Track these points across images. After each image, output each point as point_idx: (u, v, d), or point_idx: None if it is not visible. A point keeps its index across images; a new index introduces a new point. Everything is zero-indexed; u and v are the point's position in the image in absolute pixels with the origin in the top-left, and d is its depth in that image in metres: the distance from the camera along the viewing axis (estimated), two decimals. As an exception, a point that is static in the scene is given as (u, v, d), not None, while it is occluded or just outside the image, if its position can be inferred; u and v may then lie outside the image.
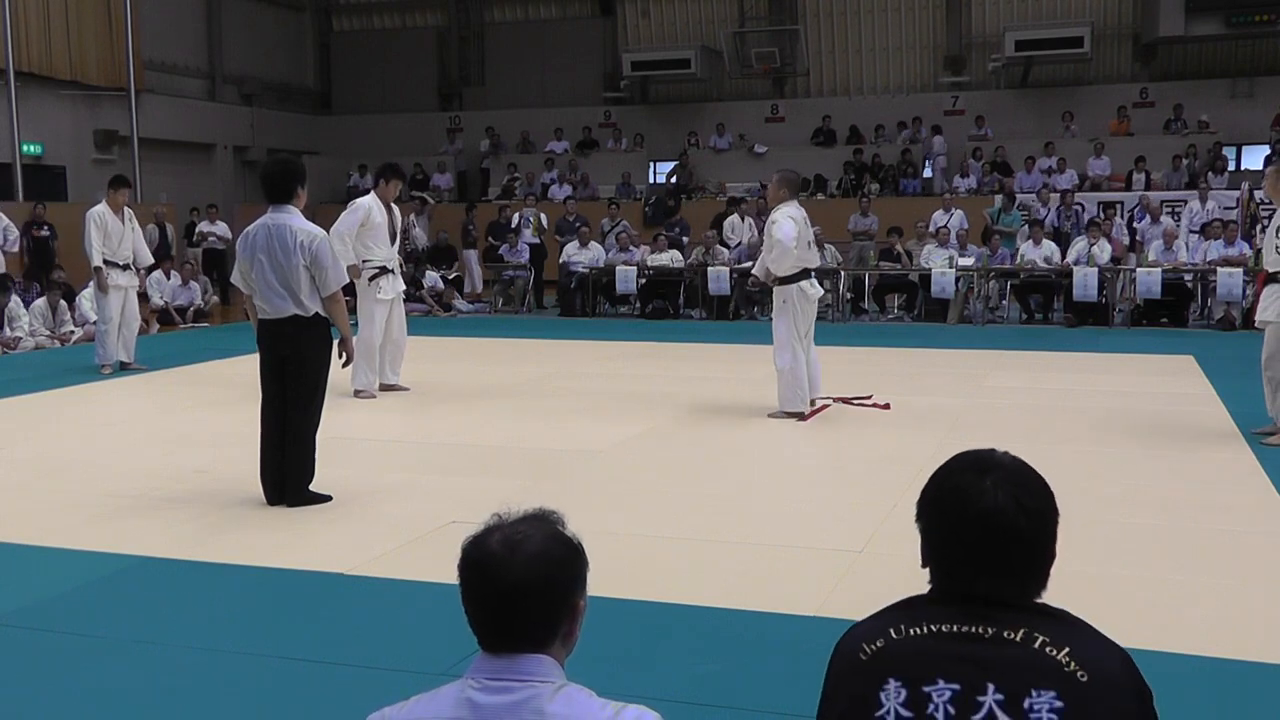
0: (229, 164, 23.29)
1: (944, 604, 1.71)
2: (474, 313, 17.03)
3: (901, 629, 1.70)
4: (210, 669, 3.92)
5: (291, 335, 5.89)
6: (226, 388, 9.63)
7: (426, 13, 25.72)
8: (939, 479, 1.77)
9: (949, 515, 1.72)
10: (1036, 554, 1.70)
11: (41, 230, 15.73)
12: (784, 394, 8.22)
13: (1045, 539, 1.71)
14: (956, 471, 1.75)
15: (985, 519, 1.67)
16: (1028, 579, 1.70)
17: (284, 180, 6.00)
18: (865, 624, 1.77)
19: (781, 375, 8.20)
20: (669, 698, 3.45)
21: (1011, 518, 1.67)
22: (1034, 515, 1.69)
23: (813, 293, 8.26)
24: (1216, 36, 20.87)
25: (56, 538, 5.41)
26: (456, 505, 5.78)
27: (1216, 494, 6.17)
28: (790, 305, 8.12)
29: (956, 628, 1.67)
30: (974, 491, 1.70)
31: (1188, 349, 11.63)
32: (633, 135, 23.23)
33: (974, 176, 20.24)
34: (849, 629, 1.79)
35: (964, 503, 1.70)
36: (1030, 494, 1.71)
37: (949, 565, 1.72)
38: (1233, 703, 3.65)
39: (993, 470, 1.72)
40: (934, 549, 1.74)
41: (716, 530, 5.51)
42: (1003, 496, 1.68)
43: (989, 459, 1.75)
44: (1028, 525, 1.68)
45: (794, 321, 8.11)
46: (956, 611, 1.68)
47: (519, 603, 1.70)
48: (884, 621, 1.73)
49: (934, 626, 1.68)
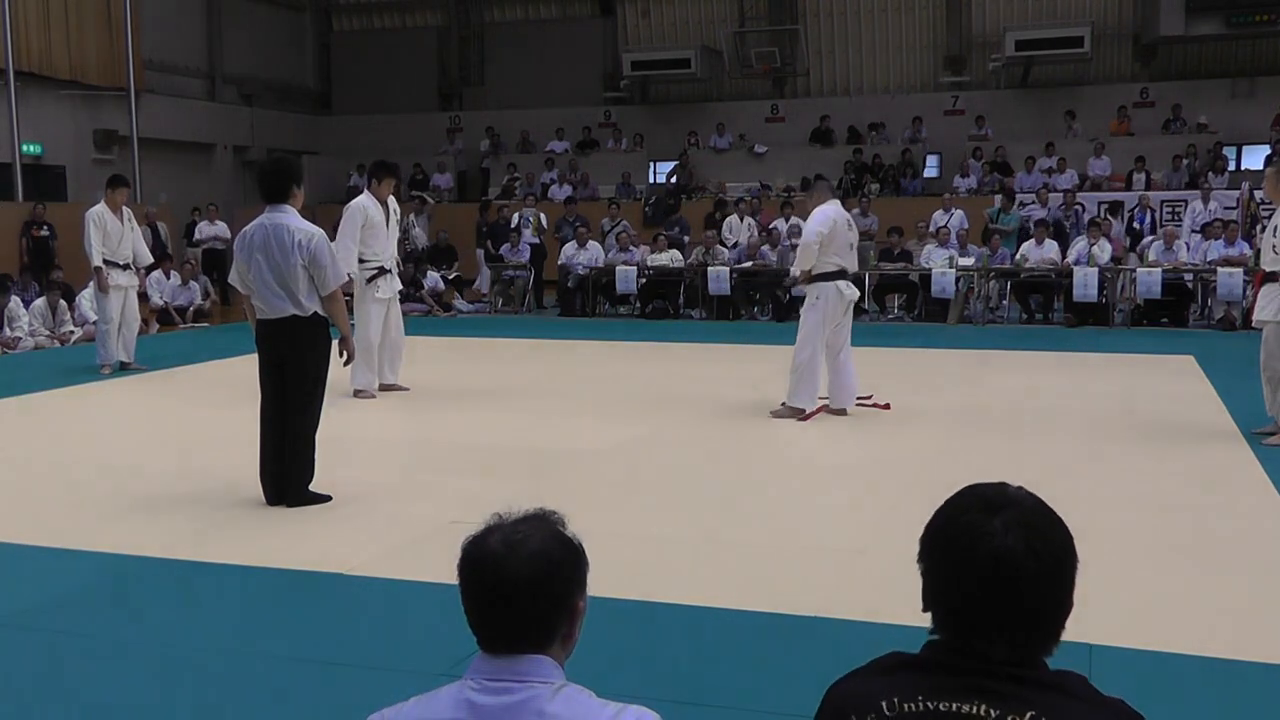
0: (229, 164, 23.29)
1: (943, 673, 1.54)
2: (474, 313, 17.03)
3: (895, 703, 1.53)
4: (211, 669, 3.92)
5: (290, 335, 5.88)
6: (226, 388, 9.63)
7: (426, 13, 25.71)
8: (944, 517, 1.59)
9: (952, 558, 1.55)
10: (1047, 606, 1.53)
11: (41, 230, 15.73)
12: (794, 388, 8.21)
13: (1059, 590, 1.54)
14: (964, 509, 1.57)
15: (992, 564, 1.51)
16: (1036, 635, 1.54)
17: (279, 179, 6.00)
18: (853, 686, 1.60)
19: (797, 370, 8.19)
20: (669, 698, 3.45)
21: (1021, 563, 1.50)
22: (1047, 561, 1.52)
23: (848, 294, 8.25)
24: (1216, 36, 20.86)
25: (57, 538, 5.41)
26: (456, 505, 5.78)
27: (1216, 494, 6.18)
28: (823, 302, 8.12)
29: (955, 707, 1.50)
30: (981, 533, 1.52)
31: (1188, 349, 11.63)
32: (633, 135, 23.23)
33: (974, 176, 20.23)
34: (835, 686, 1.64)
35: (970, 545, 1.53)
36: (1044, 538, 1.53)
37: (949, 614, 1.56)
38: (1233, 703, 3.65)
39: (1004, 510, 1.54)
40: (935, 594, 1.58)
41: (716, 530, 5.51)
42: (1013, 539, 1.51)
43: (1001, 496, 1.57)
44: (1040, 572, 1.51)
45: (824, 319, 8.11)
46: (956, 685, 1.52)
47: (518, 603, 1.70)
48: (875, 689, 1.56)
49: (930, 704, 1.51)
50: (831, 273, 8.13)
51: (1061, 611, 1.55)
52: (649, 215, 20.02)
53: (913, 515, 1.68)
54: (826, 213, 8.15)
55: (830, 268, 8.12)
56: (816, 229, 8.05)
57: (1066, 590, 1.55)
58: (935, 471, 6.42)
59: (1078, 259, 14.51)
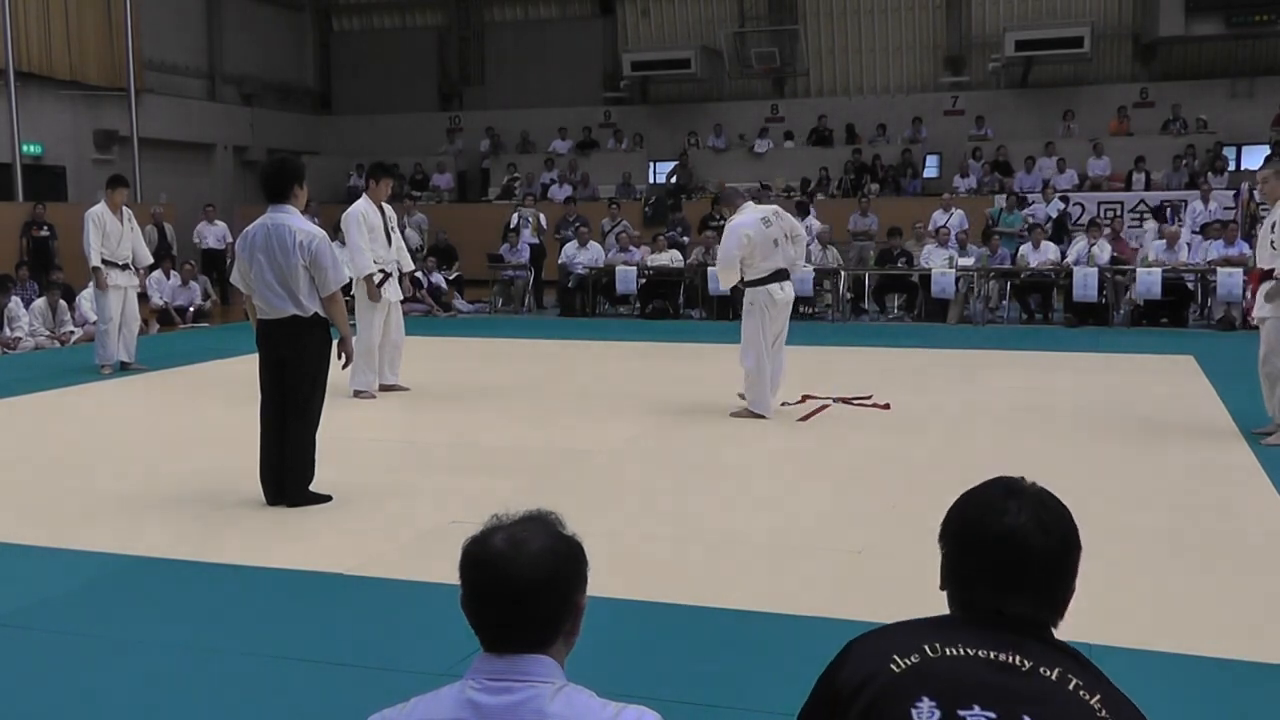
0: (229, 164, 23.29)
1: (976, 627, 1.70)
2: (474, 313, 17.03)
3: (937, 647, 1.67)
4: (210, 669, 3.92)
5: (291, 335, 5.88)
6: (226, 388, 9.63)
7: (426, 13, 25.72)
8: (965, 500, 1.79)
9: (970, 532, 1.74)
10: (1055, 578, 1.72)
11: (41, 230, 15.74)
12: (751, 397, 8.25)
13: (1065, 565, 1.73)
14: (982, 492, 1.78)
15: (1006, 536, 1.70)
16: (1045, 603, 1.72)
17: (279, 179, 6.00)
18: (890, 635, 1.75)
19: (748, 376, 8.22)
20: (669, 698, 3.45)
21: (1032, 535, 1.70)
22: (1055, 537, 1.72)
23: (780, 296, 8.16)
24: (1216, 36, 20.87)
25: (57, 538, 5.41)
26: (456, 505, 5.78)
27: (1216, 494, 6.18)
28: (757, 308, 8.11)
29: (993, 655, 1.65)
30: (997, 510, 1.73)
31: (1188, 349, 11.63)
32: (633, 135, 23.23)
33: (974, 176, 20.24)
34: (867, 634, 1.77)
35: (986, 521, 1.73)
36: (1053, 518, 1.73)
37: (969, 584, 1.74)
38: (1233, 703, 3.65)
39: (1019, 494, 1.75)
40: (954, 567, 1.76)
41: (717, 530, 5.51)
42: (1025, 516, 1.71)
43: (1016, 485, 1.78)
44: (1048, 545, 1.71)
45: (761, 324, 8.10)
46: (990, 638, 1.67)
47: (519, 603, 1.70)
48: (916, 636, 1.71)
49: (970, 650, 1.66)
50: (763, 278, 8.09)
51: (1066, 585, 1.73)
52: (648, 215, 20.02)
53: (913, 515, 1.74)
54: (741, 226, 8.05)
55: (762, 274, 8.08)
56: (732, 249, 8.01)
57: (1071, 569, 1.73)
58: (935, 471, 6.42)
59: (1077, 259, 14.52)
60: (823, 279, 15.60)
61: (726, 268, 8.17)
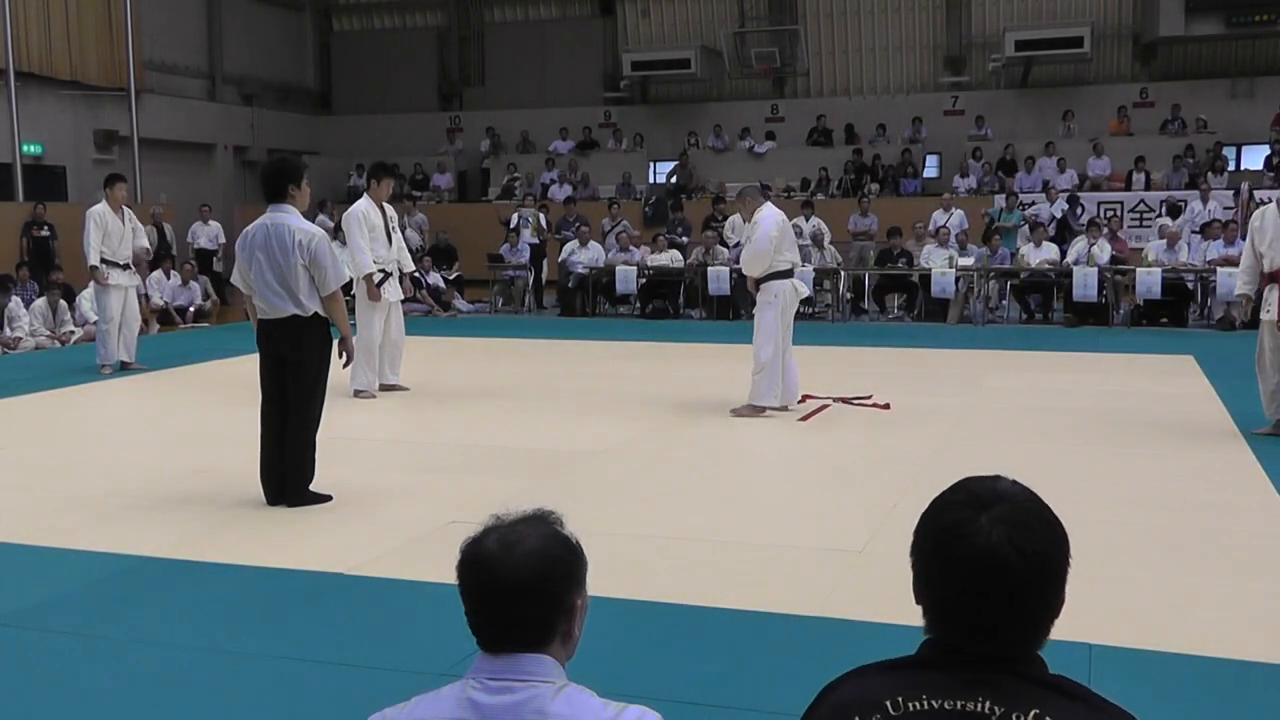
0: (229, 164, 23.29)
1: (942, 669, 1.51)
2: (474, 313, 17.03)
3: (899, 702, 1.49)
4: (210, 669, 3.92)
5: (291, 335, 5.89)
6: (226, 388, 9.63)
7: (426, 13, 25.72)
8: (933, 512, 1.56)
9: (939, 555, 1.52)
10: (1031, 604, 1.49)
11: (41, 230, 15.73)
12: (758, 388, 8.27)
13: (1045, 588, 1.50)
14: (951, 505, 1.54)
15: (975, 561, 1.47)
16: (1024, 632, 1.50)
17: (278, 179, 6.00)
18: (853, 685, 1.57)
19: (761, 369, 8.25)
20: (669, 698, 3.45)
21: (1004, 560, 1.46)
22: (1032, 559, 1.47)
23: (801, 291, 8.58)
24: (1216, 36, 20.87)
25: (57, 538, 5.41)
26: (456, 505, 5.78)
27: (1216, 494, 6.17)
28: (779, 299, 8.27)
29: (960, 705, 1.47)
30: (966, 530, 1.49)
31: (1188, 349, 11.63)
32: (633, 135, 23.23)
33: (974, 176, 20.23)
34: (832, 685, 1.59)
35: (954, 542, 1.49)
36: (1031, 535, 1.49)
37: (938, 611, 1.53)
38: (1233, 703, 3.65)
39: (993, 506, 1.51)
40: (924, 590, 1.55)
41: (716, 530, 5.51)
42: (997, 536, 1.47)
43: (990, 492, 1.54)
44: (1024, 570, 1.46)
45: (779, 315, 8.25)
46: (958, 681, 1.49)
47: (518, 603, 1.70)
48: (877, 688, 1.53)
49: (934, 702, 1.48)
50: (785, 270, 8.32)
51: (1049, 611, 1.51)
52: (648, 216, 20.02)
53: (912, 515, 1.67)
54: (772, 216, 8.33)
55: (784, 265, 8.33)
56: (769, 233, 8.21)
57: (1054, 590, 1.51)
58: (935, 471, 6.41)
59: (1077, 259, 14.52)
60: (823, 279, 15.61)
61: (761, 256, 8.27)
